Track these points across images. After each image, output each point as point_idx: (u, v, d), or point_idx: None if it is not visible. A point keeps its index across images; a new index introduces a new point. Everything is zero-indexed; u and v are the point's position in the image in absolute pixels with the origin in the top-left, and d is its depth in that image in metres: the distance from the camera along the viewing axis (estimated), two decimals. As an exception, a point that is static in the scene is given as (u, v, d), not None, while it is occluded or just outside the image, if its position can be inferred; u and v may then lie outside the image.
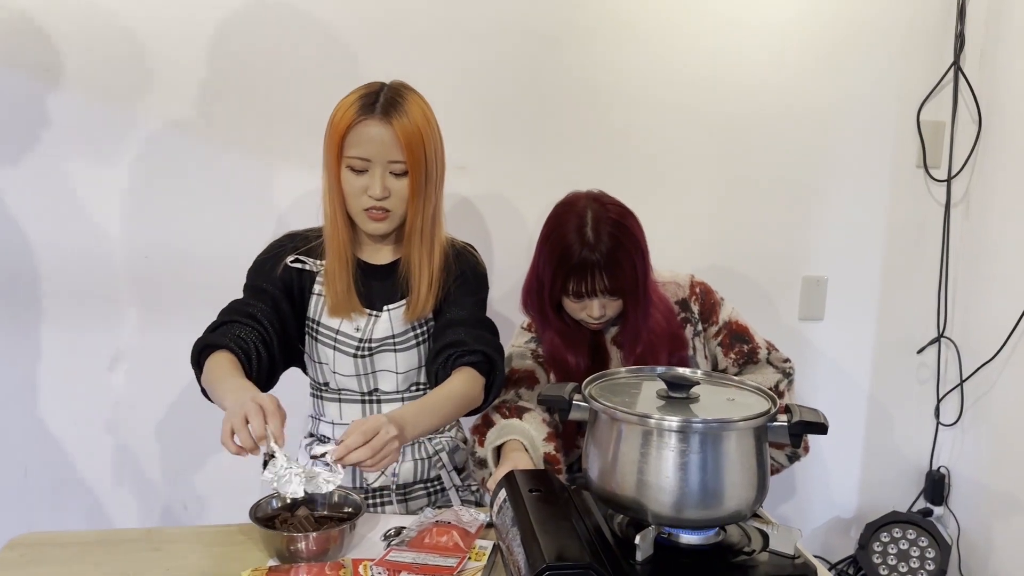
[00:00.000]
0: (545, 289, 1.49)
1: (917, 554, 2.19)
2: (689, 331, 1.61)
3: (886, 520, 2.23)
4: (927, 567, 2.18)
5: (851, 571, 2.27)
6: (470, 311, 1.46)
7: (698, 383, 1.10)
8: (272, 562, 1.14)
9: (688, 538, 1.07)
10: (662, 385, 1.11)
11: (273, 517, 1.18)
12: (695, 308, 1.63)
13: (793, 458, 1.60)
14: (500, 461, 1.40)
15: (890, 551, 2.21)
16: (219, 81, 1.88)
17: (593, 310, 1.48)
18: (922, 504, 2.35)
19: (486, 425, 1.48)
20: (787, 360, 1.67)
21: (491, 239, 2.03)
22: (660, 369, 1.19)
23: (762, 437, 1.06)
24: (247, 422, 1.10)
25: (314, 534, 1.12)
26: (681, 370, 1.18)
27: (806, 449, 1.61)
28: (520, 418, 1.46)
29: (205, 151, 1.90)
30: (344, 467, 1.15)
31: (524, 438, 1.41)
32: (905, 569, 2.19)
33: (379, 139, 1.34)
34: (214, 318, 1.41)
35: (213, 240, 1.93)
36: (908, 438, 2.35)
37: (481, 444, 1.47)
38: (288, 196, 1.95)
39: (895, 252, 2.26)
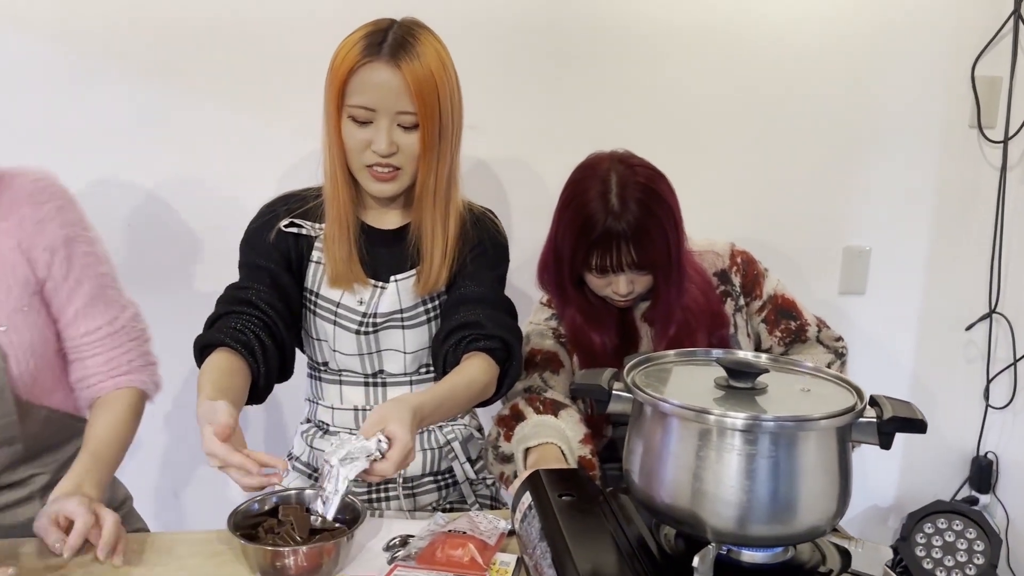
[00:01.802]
0: (564, 263, 1.32)
1: (964, 546, 2.03)
2: (730, 306, 1.44)
3: (930, 509, 2.07)
4: (976, 560, 2.02)
5: (891, 565, 2.11)
6: (488, 288, 1.28)
7: (766, 370, 0.92)
8: (257, 579, 0.96)
9: (752, 556, 0.89)
10: (721, 372, 0.93)
11: (256, 524, 1.00)
12: (736, 280, 1.46)
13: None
14: (530, 464, 1.22)
15: (935, 543, 2.05)
16: (204, 27, 1.67)
17: (620, 286, 1.31)
18: (966, 492, 2.19)
19: (515, 418, 1.30)
20: (839, 339, 1.51)
21: (508, 204, 1.86)
22: (717, 353, 1.01)
23: (846, 437, 0.88)
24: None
25: (305, 548, 0.94)
26: (743, 354, 0.99)
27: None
28: (556, 415, 1.28)
29: (191, 106, 1.71)
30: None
31: (561, 441, 1.24)
32: (951, 563, 2.03)
33: (386, 85, 1.15)
34: (210, 296, 1.24)
35: (203, 206, 1.75)
36: (953, 421, 2.18)
37: (508, 439, 1.30)
38: (288, 156, 1.76)
39: (944, 220, 2.08)
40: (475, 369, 1.18)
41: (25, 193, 1.11)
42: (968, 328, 2.14)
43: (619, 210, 1.26)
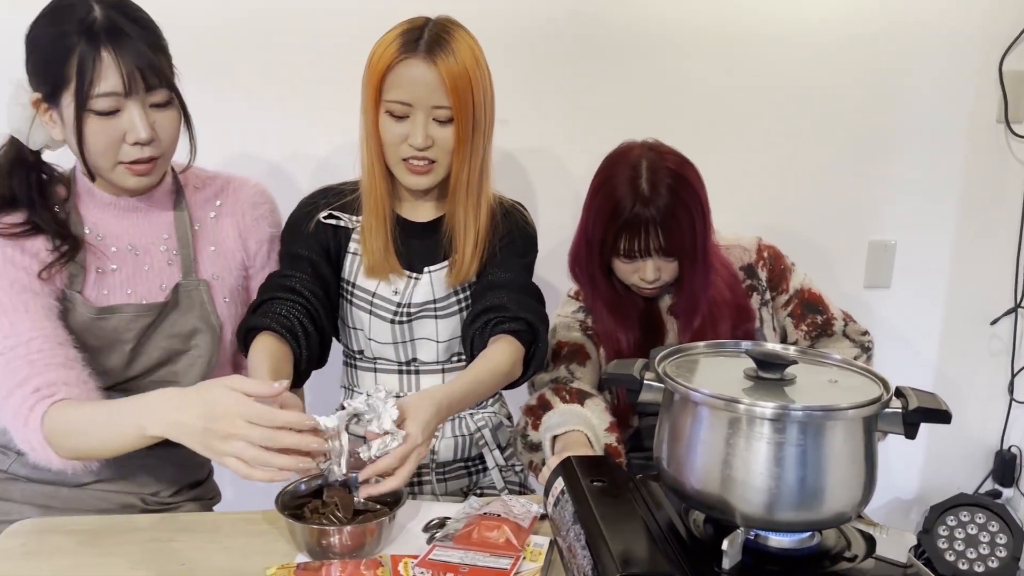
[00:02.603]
0: (594, 250, 1.35)
1: (987, 539, 2.04)
2: (756, 300, 1.46)
3: (953, 502, 2.08)
4: (998, 553, 2.03)
5: (913, 556, 2.12)
6: (515, 274, 1.31)
7: (794, 362, 0.94)
8: (301, 557, 1.01)
9: (780, 541, 0.92)
10: (750, 363, 0.96)
11: (302, 505, 1.05)
12: (763, 275, 1.48)
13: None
14: (558, 450, 1.25)
15: (957, 535, 2.06)
16: (237, 25, 1.71)
17: (647, 272, 1.34)
18: (989, 486, 2.20)
19: (542, 407, 1.34)
20: (866, 333, 1.52)
21: (535, 195, 1.88)
22: (747, 344, 1.03)
23: (872, 427, 0.90)
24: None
25: (349, 527, 0.98)
26: (772, 346, 1.02)
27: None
28: (582, 404, 1.32)
29: (226, 103, 1.74)
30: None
31: (587, 429, 1.27)
32: (974, 555, 2.04)
33: (422, 81, 1.18)
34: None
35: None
36: (978, 415, 2.19)
37: (535, 427, 1.33)
38: (322, 150, 1.79)
39: (970, 215, 2.08)
40: (499, 353, 1.22)
41: (248, 196, 1.33)
42: (993, 322, 2.14)
43: (648, 195, 1.28)
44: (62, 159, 1.23)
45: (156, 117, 1.13)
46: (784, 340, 1.50)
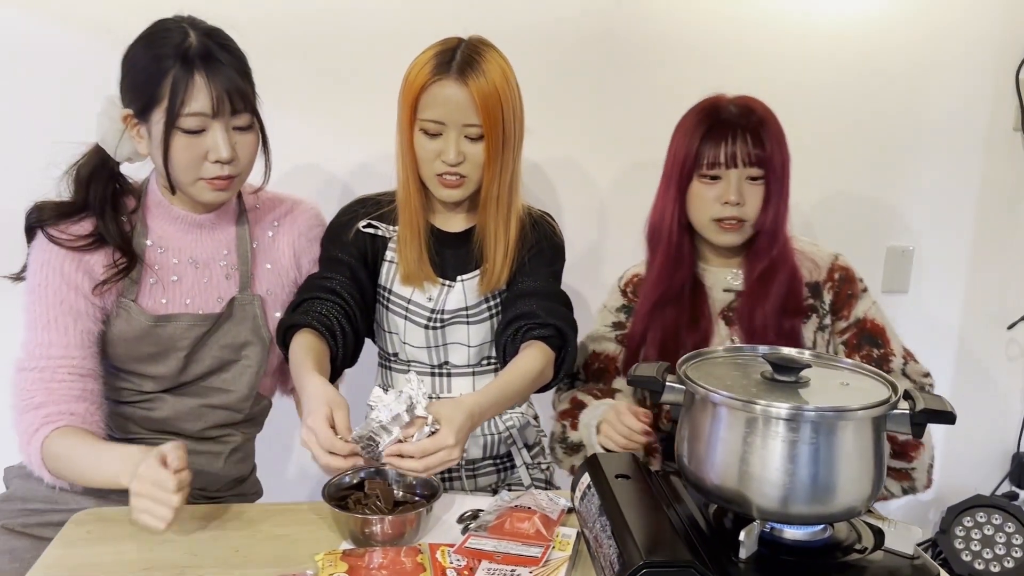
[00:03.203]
0: (674, 182, 1.35)
1: (1003, 540, 2.08)
2: (812, 324, 1.39)
3: (969, 503, 2.12)
4: (1014, 553, 2.07)
5: (931, 555, 2.16)
6: (544, 282, 1.37)
7: (808, 365, 1.01)
8: (345, 545, 1.08)
9: (794, 534, 0.99)
10: (767, 367, 1.02)
11: (346, 496, 1.12)
12: (827, 297, 1.40)
13: (909, 491, 1.36)
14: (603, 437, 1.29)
15: (973, 536, 2.10)
16: (279, 40, 1.79)
17: (729, 191, 1.30)
18: (1007, 488, 2.23)
19: (577, 407, 1.40)
20: (927, 375, 1.41)
21: (561, 206, 1.94)
22: (763, 349, 1.10)
23: (880, 427, 0.96)
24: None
25: (391, 517, 1.06)
26: (787, 350, 1.08)
27: (927, 485, 1.36)
28: (613, 397, 1.38)
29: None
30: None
31: None
32: (990, 555, 2.08)
33: (454, 101, 1.25)
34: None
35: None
36: (995, 418, 2.22)
37: (574, 427, 1.38)
38: (352, 161, 1.87)
39: (987, 221, 2.12)
40: (529, 359, 1.28)
41: (305, 220, 1.41)
42: (1010, 327, 2.18)
43: (735, 107, 1.32)
44: (134, 173, 1.32)
45: (238, 139, 1.21)
46: None
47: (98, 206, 1.26)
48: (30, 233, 1.28)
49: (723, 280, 1.42)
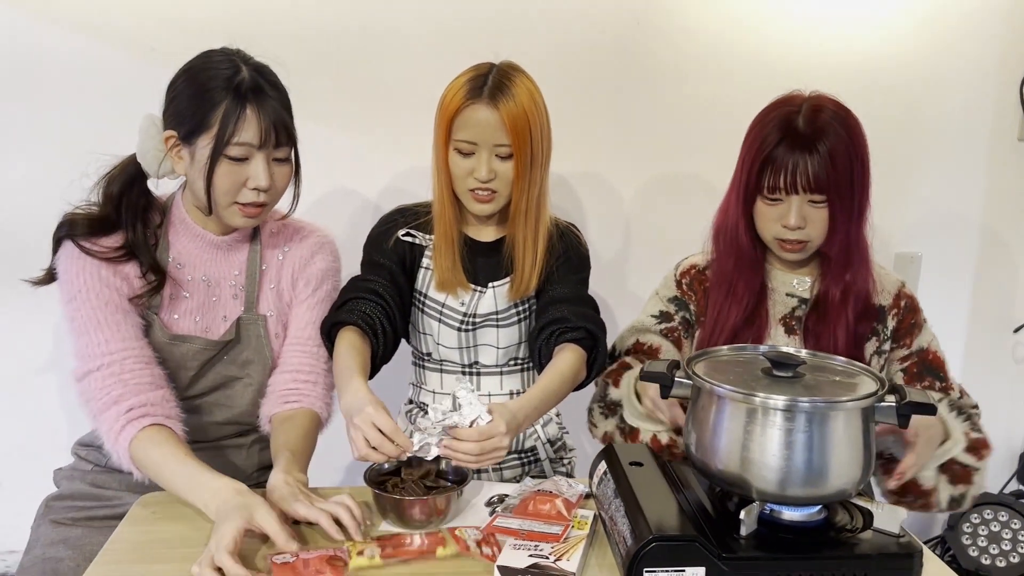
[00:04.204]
0: (740, 194, 1.31)
1: (1009, 536, 2.15)
2: (871, 346, 1.40)
3: (977, 501, 2.18)
4: (1019, 550, 2.14)
5: (939, 552, 2.24)
6: (572, 289, 1.48)
7: (803, 362, 1.11)
8: (385, 525, 1.20)
9: (791, 514, 1.09)
10: (766, 363, 1.12)
11: (385, 481, 1.24)
12: (891, 323, 1.40)
13: (959, 502, 1.34)
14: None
15: (980, 532, 2.17)
16: (312, 57, 1.91)
17: (790, 216, 1.26)
18: (1014, 486, 2.30)
19: (622, 369, 1.42)
20: (975, 406, 1.43)
21: (585, 217, 2.04)
22: (763, 348, 1.20)
23: (869, 418, 1.06)
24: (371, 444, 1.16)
25: (425, 498, 1.17)
26: (786, 348, 1.18)
27: (974, 500, 1.37)
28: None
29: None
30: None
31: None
32: (996, 551, 2.15)
33: (486, 123, 1.36)
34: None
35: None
36: (1001, 419, 2.29)
37: (616, 384, 1.42)
38: (384, 175, 1.99)
39: (993, 228, 2.20)
40: (563, 361, 1.38)
41: (310, 245, 1.46)
42: (1016, 330, 2.25)
43: (803, 127, 1.24)
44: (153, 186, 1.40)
45: (275, 169, 1.31)
46: None
47: (128, 221, 1.32)
48: (57, 243, 1.33)
49: (788, 284, 1.40)
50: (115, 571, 1.08)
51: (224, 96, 1.24)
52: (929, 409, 1.04)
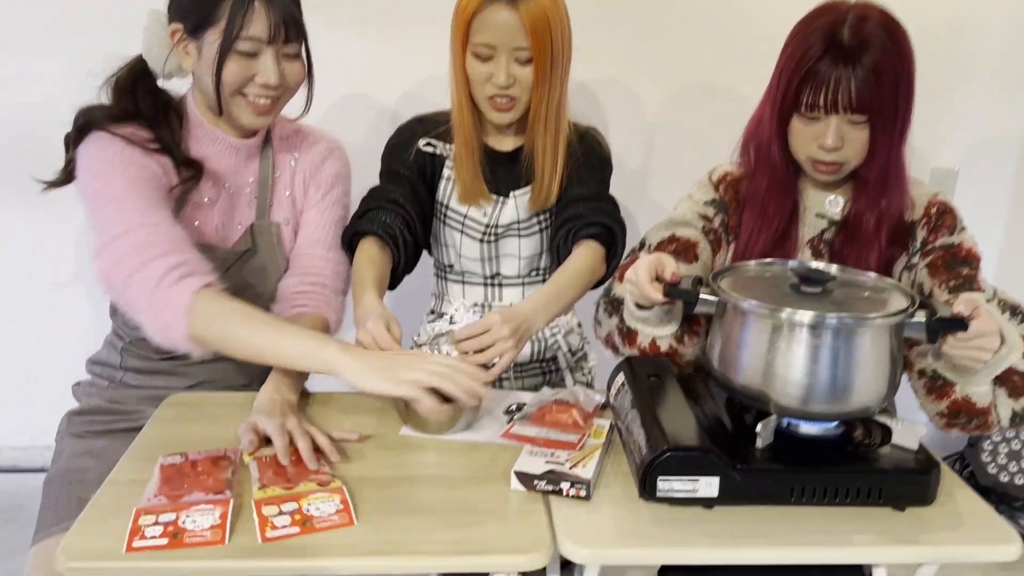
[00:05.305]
0: (776, 108, 1.23)
1: (1029, 455, 2.15)
2: (900, 264, 1.31)
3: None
4: (1038, 469, 2.14)
5: (957, 468, 2.25)
6: (591, 188, 1.45)
7: (833, 278, 1.08)
8: (405, 430, 1.21)
9: (808, 429, 1.08)
10: (795, 279, 1.10)
11: None
12: (920, 235, 1.30)
13: (1016, 420, 1.18)
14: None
15: (1000, 451, 2.17)
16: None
17: (827, 136, 1.19)
18: (1038, 406, 2.28)
19: (633, 262, 1.27)
20: (1018, 305, 1.22)
21: (606, 123, 1.99)
22: (792, 263, 1.17)
23: (898, 334, 1.04)
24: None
25: (446, 405, 1.17)
26: (815, 264, 1.15)
27: None
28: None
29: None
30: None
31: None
32: (1015, 469, 2.16)
33: (504, 25, 1.31)
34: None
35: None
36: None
37: (620, 279, 1.30)
38: (402, 82, 1.94)
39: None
40: (578, 258, 1.37)
41: (319, 152, 1.44)
42: (1052, 246, 2.19)
43: (849, 39, 1.15)
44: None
45: (286, 66, 1.28)
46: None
47: (151, 115, 1.28)
48: (80, 135, 1.26)
49: (820, 204, 1.32)
50: (145, 469, 1.10)
51: None
52: (960, 325, 1.01)
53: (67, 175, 1.31)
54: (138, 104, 1.29)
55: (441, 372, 1.11)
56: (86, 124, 1.26)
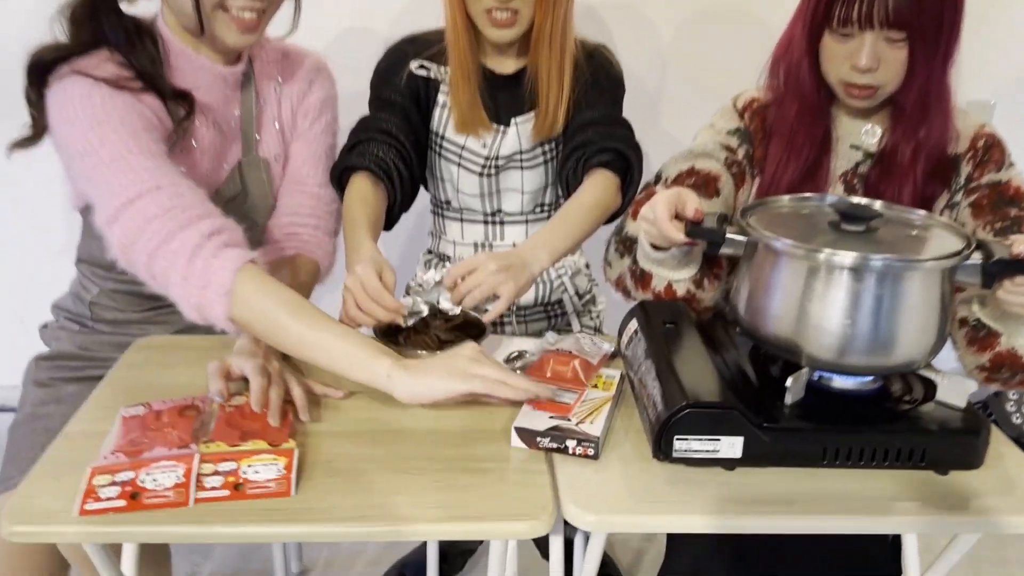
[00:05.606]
0: (807, 26, 1.11)
1: (1055, 407, 2.06)
2: (941, 202, 1.20)
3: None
4: (1064, 421, 2.06)
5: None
6: (602, 110, 1.31)
7: (879, 215, 0.95)
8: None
9: (843, 383, 0.97)
10: (834, 216, 0.97)
11: (397, 331, 1.13)
12: (964, 170, 1.18)
13: None
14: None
15: (1025, 401, 2.09)
16: None
17: (861, 56, 1.07)
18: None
19: (648, 198, 1.14)
20: None
21: (615, 47, 1.83)
22: (831, 198, 1.04)
23: (950, 279, 0.92)
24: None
25: (439, 352, 1.07)
26: (858, 199, 1.02)
27: None
28: None
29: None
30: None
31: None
32: (1039, 421, 2.07)
33: None
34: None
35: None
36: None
37: (634, 216, 1.19)
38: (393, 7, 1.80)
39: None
40: (589, 189, 1.25)
41: (304, 73, 1.32)
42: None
43: None
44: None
45: None
46: None
47: (123, 42, 1.11)
48: (40, 81, 1.08)
49: (855, 134, 1.20)
50: (106, 419, 1.00)
51: None
52: (1021, 267, 0.89)
53: (38, 131, 1.12)
54: (104, 33, 1.11)
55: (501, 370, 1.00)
56: (42, 68, 1.08)
